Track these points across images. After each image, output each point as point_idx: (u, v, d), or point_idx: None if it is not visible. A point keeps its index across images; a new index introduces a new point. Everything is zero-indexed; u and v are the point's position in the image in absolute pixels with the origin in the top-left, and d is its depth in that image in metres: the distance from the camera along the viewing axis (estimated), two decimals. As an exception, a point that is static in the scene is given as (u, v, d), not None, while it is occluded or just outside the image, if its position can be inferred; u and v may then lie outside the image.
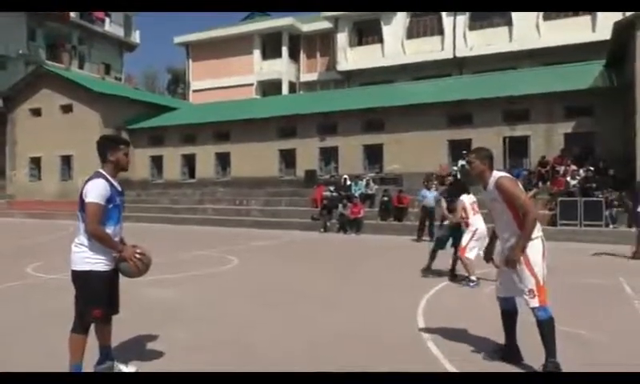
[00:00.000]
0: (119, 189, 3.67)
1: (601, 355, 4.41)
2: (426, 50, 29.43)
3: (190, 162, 26.62)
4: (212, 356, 4.39)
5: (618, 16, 17.43)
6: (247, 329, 5.25)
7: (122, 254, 3.57)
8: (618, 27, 16.13)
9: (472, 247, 7.59)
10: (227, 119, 25.32)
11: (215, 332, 5.14)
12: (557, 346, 3.81)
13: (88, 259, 3.51)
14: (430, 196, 14.91)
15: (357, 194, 18.78)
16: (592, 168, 16.75)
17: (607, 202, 14.84)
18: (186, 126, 26.62)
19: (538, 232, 3.86)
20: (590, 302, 6.59)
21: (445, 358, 4.26)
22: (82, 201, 3.53)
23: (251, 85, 36.39)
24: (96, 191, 3.47)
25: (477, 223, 7.65)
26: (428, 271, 8.24)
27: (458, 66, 29.00)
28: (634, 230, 11.24)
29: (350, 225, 17.18)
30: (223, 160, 25.64)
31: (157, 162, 27.40)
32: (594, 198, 14.98)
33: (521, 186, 4.04)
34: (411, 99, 21.52)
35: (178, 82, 51.23)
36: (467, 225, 7.72)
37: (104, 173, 3.61)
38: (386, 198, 17.92)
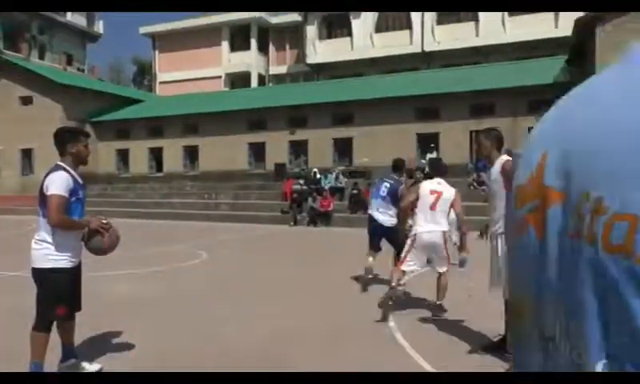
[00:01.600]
0: (81, 181, 3.59)
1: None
2: (395, 43, 29.66)
3: (157, 155, 26.12)
4: (180, 351, 4.34)
5: (579, 13, 17.93)
6: (216, 323, 5.21)
7: (91, 226, 3.51)
8: (579, 24, 16.61)
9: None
10: (195, 112, 24.96)
11: (184, 326, 5.08)
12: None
13: (50, 256, 3.42)
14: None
15: (326, 188, 18.82)
16: (554, 161, 17.24)
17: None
18: (152, 119, 26.09)
19: None
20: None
21: (411, 348, 4.34)
22: (42, 195, 3.42)
23: (219, 77, 35.95)
24: (58, 183, 3.38)
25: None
26: None
27: (426, 60, 29.33)
28: None
29: (320, 218, 17.22)
30: (191, 153, 25.27)
31: (123, 155, 26.78)
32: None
33: None
34: (380, 93, 21.68)
35: (144, 74, 50.10)
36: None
37: (64, 165, 3.51)
38: (355, 191, 18.01)
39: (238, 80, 35.94)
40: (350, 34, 31.05)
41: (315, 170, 20.57)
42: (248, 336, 4.80)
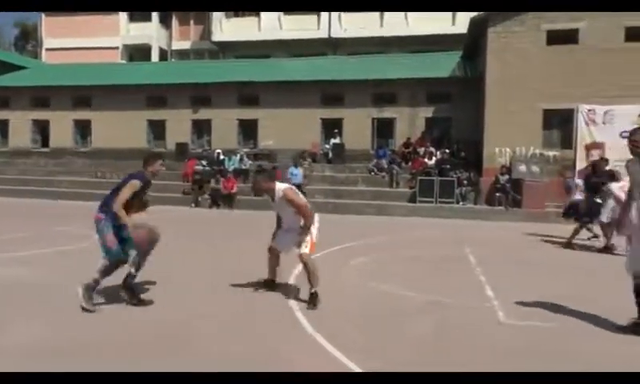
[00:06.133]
0: None
1: (451, 315, 4.90)
2: (303, 27, 29.64)
3: (42, 128, 23.90)
4: (80, 339, 4.03)
5: (474, 13, 19.13)
6: (114, 308, 4.90)
7: None
8: (473, 24, 17.73)
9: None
10: (88, 83, 23.12)
11: (71, 315, 4.72)
12: (416, 312, 4.12)
13: None
14: (298, 173, 15.41)
15: (230, 169, 18.48)
16: (447, 150, 18.42)
17: (459, 181, 16.44)
18: (37, 88, 23.75)
19: None
20: (442, 270, 7.28)
21: (314, 330, 4.40)
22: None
23: (116, 48, 33.57)
24: None
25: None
26: None
27: (332, 46, 29.70)
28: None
29: (223, 200, 16.88)
30: (83, 128, 23.45)
31: (1, 126, 24.15)
32: (448, 178, 16.50)
33: None
34: (287, 75, 21.60)
35: (27, 39, 45.38)
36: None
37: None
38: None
39: (137, 53, 33.85)
40: (257, 14, 30.51)
41: (219, 151, 20.08)
42: (150, 320, 4.57)
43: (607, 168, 9.79)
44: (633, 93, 15.00)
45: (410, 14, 28.32)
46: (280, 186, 5.21)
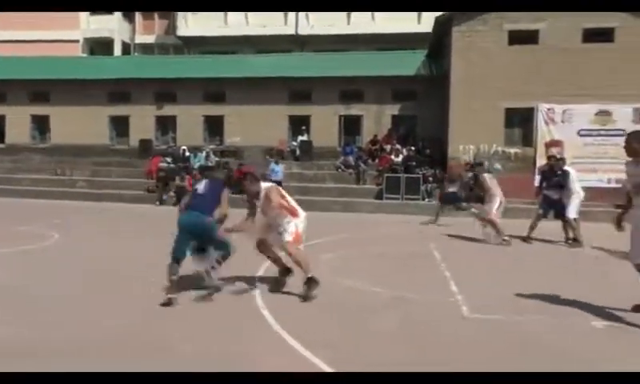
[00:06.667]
0: None
1: (416, 310, 4.96)
2: (270, 23, 29.42)
3: (-3, 124, 22.97)
4: (29, 337, 3.88)
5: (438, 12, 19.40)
6: (70, 306, 4.75)
7: None
8: (438, 23, 17.98)
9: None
10: (47, 77, 22.30)
11: (38, 311, 4.55)
12: (381, 307, 4.15)
13: None
14: (279, 170, 15.33)
15: (196, 166, 18.21)
16: (413, 147, 18.67)
17: (424, 178, 16.68)
18: (-9, 82, 22.79)
19: None
20: (408, 266, 7.37)
21: (280, 328, 4.38)
22: None
23: (76, 41, 32.49)
24: None
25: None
26: None
27: (299, 43, 29.58)
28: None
29: (189, 197, 16.61)
30: (41, 124, 22.64)
31: (-47, 122, 23.09)
32: (414, 175, 16.71)
33: None
34: (254, 72, 21.39)
35: (-19, 30, 43.42)
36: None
37: None
38: (225, 171, 17.69)
39: (99, 47, 32.86)
40: (223, 9, 30.09)
41: (184, 147, 19.77)
42: (107, 320, 4.45)
43: (565, 167, 10.13)
44: (589, 92, 15.56)
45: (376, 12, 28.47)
46: (264, 186, 5.48)
